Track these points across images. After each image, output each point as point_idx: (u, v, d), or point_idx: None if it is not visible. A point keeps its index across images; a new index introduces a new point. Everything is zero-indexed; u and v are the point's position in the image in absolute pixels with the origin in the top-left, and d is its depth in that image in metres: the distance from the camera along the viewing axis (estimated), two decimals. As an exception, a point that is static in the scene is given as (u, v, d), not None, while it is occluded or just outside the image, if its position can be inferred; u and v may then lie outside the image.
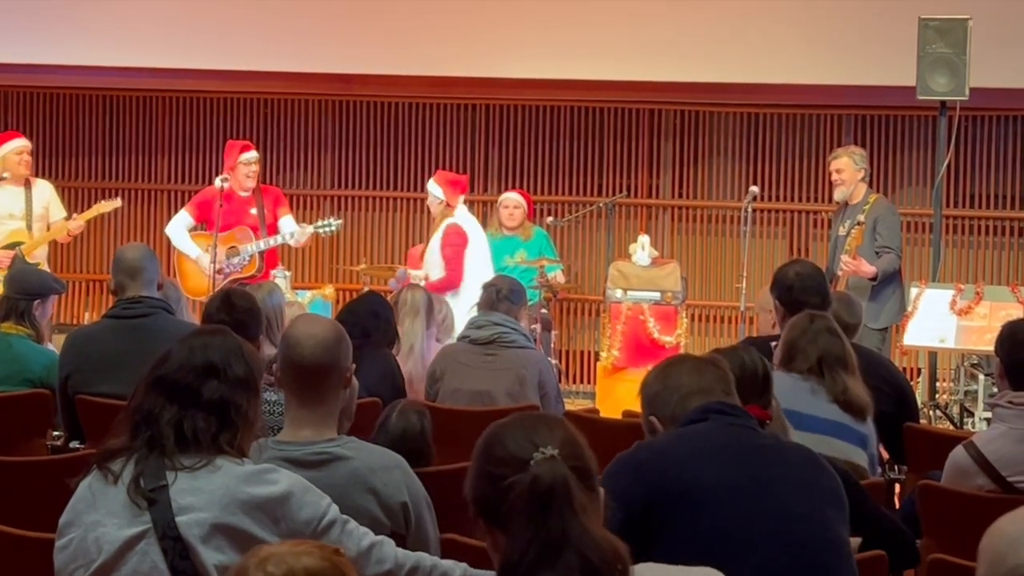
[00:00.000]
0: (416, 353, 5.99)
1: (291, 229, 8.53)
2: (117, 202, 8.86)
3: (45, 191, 8.68)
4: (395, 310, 5.83)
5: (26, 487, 4.35)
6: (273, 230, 8.54)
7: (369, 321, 5.45)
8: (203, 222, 8.58)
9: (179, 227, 8.63)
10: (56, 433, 5.43)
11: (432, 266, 8.44)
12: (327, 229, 8.67)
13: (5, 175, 8.47)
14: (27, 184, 8.58)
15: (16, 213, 8.50)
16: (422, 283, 7.67)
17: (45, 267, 8.56)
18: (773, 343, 4.87)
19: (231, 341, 2.99)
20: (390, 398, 4.87)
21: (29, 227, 8.51)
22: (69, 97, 10.90)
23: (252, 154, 8.56)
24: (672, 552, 2.73)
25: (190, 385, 2.88)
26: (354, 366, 3.43)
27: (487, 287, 6.20)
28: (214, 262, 8.17)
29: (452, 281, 8.35)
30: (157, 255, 5.78)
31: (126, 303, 5.29)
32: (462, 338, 6.00)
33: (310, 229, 8.57)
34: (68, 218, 8.69)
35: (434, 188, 8.53)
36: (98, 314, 9.24)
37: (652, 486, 2.81)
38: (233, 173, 8.42)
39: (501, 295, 6.02)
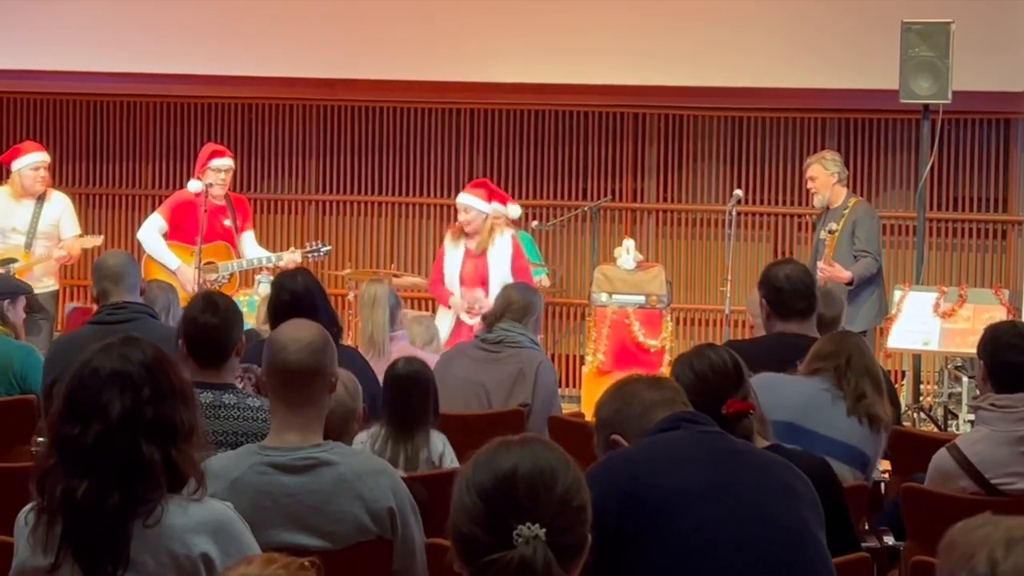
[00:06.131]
0: (378, 345, 6.08)
1: (267, 253, 8.45)
2: (98, 239, 8.57)
3: (59, 206, 8.36)
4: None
5: (10, 493, 4.33)
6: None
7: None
8: (174, 227, 8.22)
9: (153, 233, 8.22)
10: (40, 439, 5.42)
11: (501, 278, 7.92)
12: (315, 255, 8.62)
13: None
14: (40, 198, 8.29)
15: (20, 228, 8.22)
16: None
17: (55, 285, 8.44)
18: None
19: None
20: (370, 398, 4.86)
21: (28, 244, 8.22)
22: (53, 103, 10.86)
23: (223, 161, 8.29)
24: (648, 557, 2.73)
25: None
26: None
27: (498, 299, 6.27)
28: (200, 268, 7.98)
29: None
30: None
31: (110, 309, 5.29)
32: (476, 338, 6.12)
33: (298, 256, 8.40)
34: (81, 236, 8.44)
35: (480, 203, 8.08)
36: (80, 320, 9.22)
37: (625, 493, 2.75)
38: (202, 178, 8.15)
39: (511, 308, 6.07)
